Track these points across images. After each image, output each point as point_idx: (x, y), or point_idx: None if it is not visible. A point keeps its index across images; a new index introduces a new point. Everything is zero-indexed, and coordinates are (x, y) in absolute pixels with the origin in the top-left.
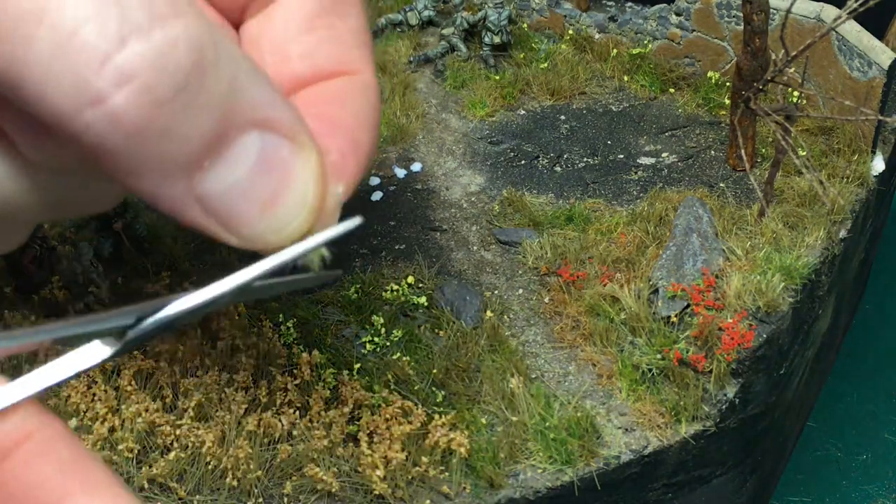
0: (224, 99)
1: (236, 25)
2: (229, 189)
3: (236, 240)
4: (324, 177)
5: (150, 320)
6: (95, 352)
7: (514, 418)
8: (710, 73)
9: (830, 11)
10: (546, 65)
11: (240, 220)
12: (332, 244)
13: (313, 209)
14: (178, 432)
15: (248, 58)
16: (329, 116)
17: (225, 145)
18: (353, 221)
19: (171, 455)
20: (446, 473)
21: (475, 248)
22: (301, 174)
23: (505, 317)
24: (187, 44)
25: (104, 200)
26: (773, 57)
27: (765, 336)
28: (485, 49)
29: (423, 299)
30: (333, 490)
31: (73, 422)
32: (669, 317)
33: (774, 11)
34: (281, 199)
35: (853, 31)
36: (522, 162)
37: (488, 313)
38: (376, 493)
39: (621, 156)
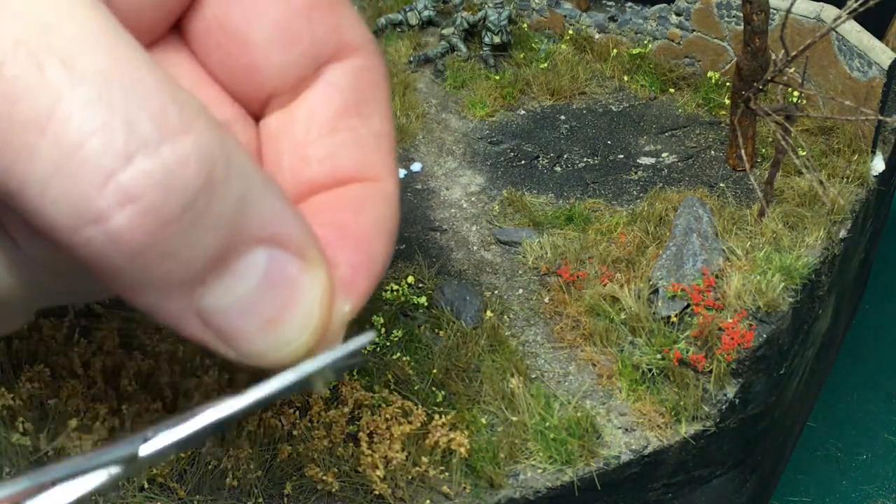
0: (232, 217)
1: (256, 118)
2: (231, 306)
3: (235, 354)
4: (331, 295)
5: (162, 442)
6: (101, 476)
7: (514, 418)
8: (710, 73)
9: (830, 11)
10: (546, 65)
11: (240, 337)
12: (351, 357)
13: (317, 329)
14: None
15: (260, 171)
16: (343, 225)
17: (230, 262)
18: (367, 336)
19: (171, 455)
20: (446, 473)
21: (475, 248)
22: (308, 292)
23: (505, 317)
24: (198, 161)
25: (103, 294)
26: (773, 57)
27: (765, 336)
28: (485, 49)
29: (423, 299)
30: (333, 490)
31: (73, 422)
32: (669, 317)
33: (774, 11)
34: (285, 317)
35: (853, 31)
36: (522, 162)
37: (488, 313)
38: (376, 493)
39: (621, 156)
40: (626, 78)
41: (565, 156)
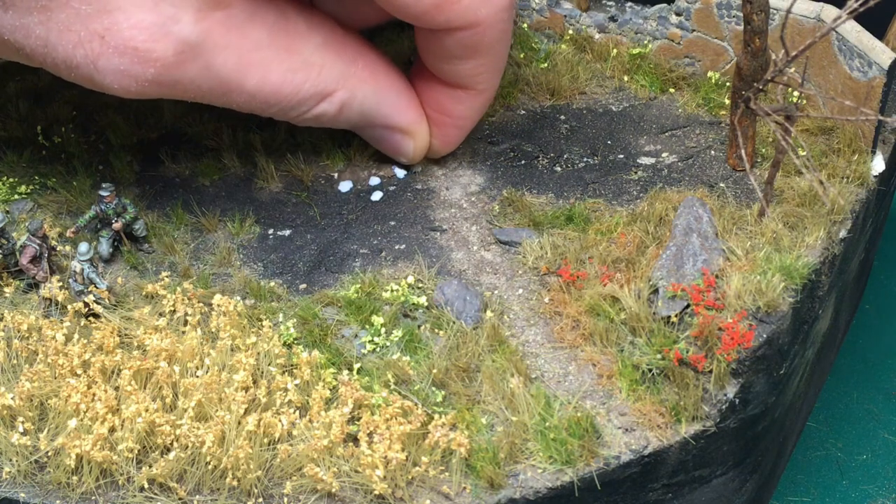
0: None
1: None
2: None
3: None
4: (421, 148)
5: None
6: None
7: (514, 418)
8: (710, 73)
9: (830, 11)
10: (546, 65)
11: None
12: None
13: (413, 159)
14: (178, 432)
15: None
16: (448, 111)
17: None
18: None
19: (171, 455)
20: (446, 473)
21: (475, 248)
22: (408, 147)
23: (505, 317)
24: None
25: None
26: (773, 57)
27: (765, 336)
28: None
29: (423, 299)
30: (333, 490)
31: (73, 422)
32: (669, 317)
33: (774, 11)
34: (400, 152)
35: (853, 31)
36: (522, 162)
37: (488, 313)
38: (376, 493)
39: (621, 156)
40: (626, 78)
41: (565, 156)
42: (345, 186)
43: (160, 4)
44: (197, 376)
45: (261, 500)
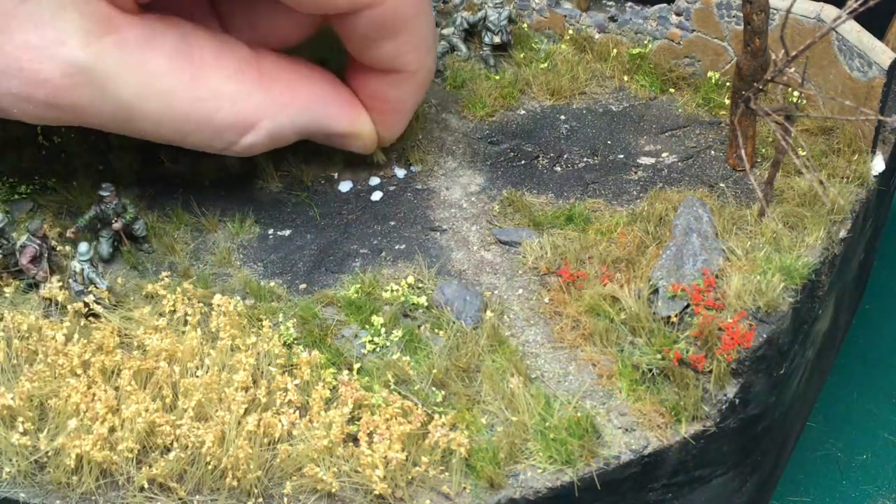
0: None
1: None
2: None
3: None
4: (369, 139)
5: None
6: None
7: (514, 418)
8: (710, 73)
9: (830, 11)
10: (546, 65)
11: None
12: None
13: (364, 148)
14: (178, 432)
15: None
16: (385, 98)
17: None
18: None
19: (171, 455)
20: (446, 473)
21: (475, 248)
22: (355, 141)
23: (505, 317)
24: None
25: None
26: (773, 57)
27: (765, 336)
28: (485, 49)
29: (423, 299)
30: (333, 490)
31: (73, 422)
32: (669, 317)
33: (774, 11)
34: (348, 146)
35: (853, 31)
36: (522, 162)
37: (488, 313)
38: (376, 493)
39: (621, 156)
40: (626, 78)
41: (565, 156)
42: (345, 186)
43: (42, 28)
44: (197, 376)
45: (261, 500)
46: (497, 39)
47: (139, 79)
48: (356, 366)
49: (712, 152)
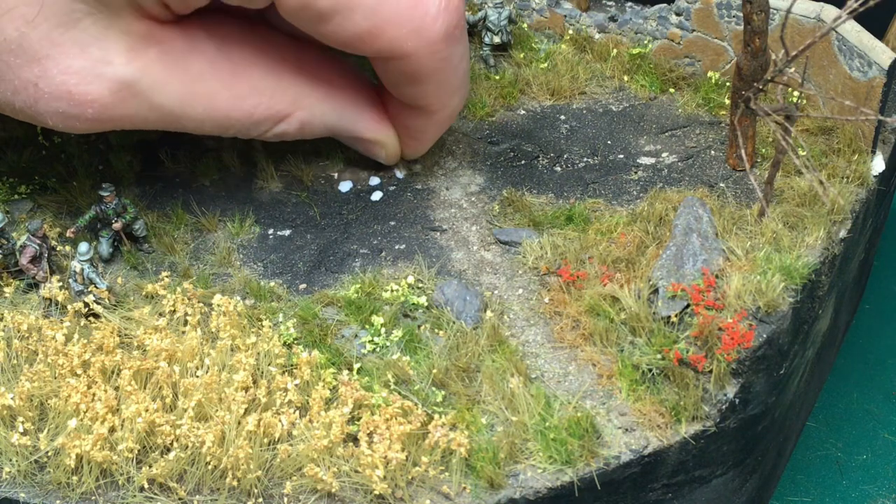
0: None
1: None
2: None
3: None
4: (393, 154)
5: None
6: None
7: (514, 418)
8: (710, 73)
9: (830, 11)
10: (546, 65)
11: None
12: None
13: (387, 160)
14: (178, 432)
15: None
16: (413, 129)
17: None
18: None
19: (171, 455)
20: (446, 473)
21: (475, 248)
22: (381, 153)
23: (505, 317)
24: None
25: None
26: (773, 57)
27: (765, 336)
28: (485, 49)
29: (423, 299)
30: (333, 490)
31: (73, 422)
32: (669, 317)
33: (774, 11)
34: (378, 156)
35: (853, 31)
36: (522, 162)
37: (488, 313)
38: (376, 493)
39: (621, 156)
40: (626, 78)
41: (565, 156)
42: (345, 186)
43: (87, 49)
44: (197, 376)
45: (261, 500)
46: (497, 39)
47: (183, 85)
48: (356, 366)
49: (712, 152)
